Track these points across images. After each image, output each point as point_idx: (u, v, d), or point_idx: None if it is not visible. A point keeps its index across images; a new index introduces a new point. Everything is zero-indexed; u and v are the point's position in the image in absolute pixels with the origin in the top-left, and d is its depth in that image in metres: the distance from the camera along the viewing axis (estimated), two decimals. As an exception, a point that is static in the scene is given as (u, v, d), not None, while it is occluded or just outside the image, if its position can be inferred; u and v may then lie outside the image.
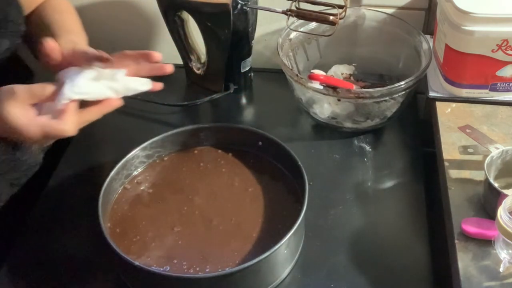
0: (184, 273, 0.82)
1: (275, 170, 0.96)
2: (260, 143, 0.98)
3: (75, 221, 0.97)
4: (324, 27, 1.11)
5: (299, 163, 0.90)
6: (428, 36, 1.15)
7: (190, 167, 0.98)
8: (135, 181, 0.96)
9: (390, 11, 1.20)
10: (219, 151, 1.00)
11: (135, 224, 0.90)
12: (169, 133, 0.98)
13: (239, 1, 1.08)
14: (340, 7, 1.02)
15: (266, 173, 0.96)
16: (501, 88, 1.08)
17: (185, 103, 1.18)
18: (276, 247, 0.80)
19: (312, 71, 1.09)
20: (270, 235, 0.85)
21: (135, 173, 0.97)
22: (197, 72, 1.23)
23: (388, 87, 1.03)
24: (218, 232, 0.88)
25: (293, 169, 0.92)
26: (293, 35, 1.16)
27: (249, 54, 1.19)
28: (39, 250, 0.93)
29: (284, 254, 0.84)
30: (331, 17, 1.01)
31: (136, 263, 0.79)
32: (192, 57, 1.24)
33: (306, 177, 0.88)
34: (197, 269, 0.83)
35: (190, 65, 1.24)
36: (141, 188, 0.95)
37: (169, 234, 0.88)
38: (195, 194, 0.94)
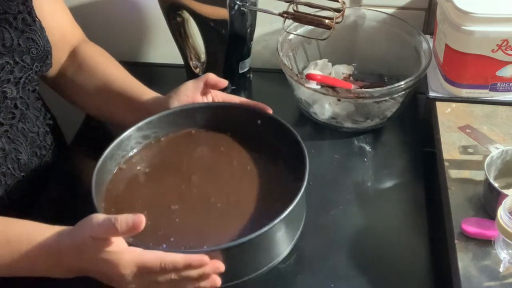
0: (179, 249, 0.79)
1: (275, 148, 0.94)
2: (259, 121, 0.96)
3: (75, 220, 0.96)
4: (322, 29, 1.11)
5: (299, 138, 0.89)
6: (428, 36, 1.15)
7: (188, 147, 0.96)
8: (132, 161, 0.94)
9: (390, 11, 1.20)
10: (217, 130, 0.98)
11: (130, 204, 0.88)
12: (165, 112, 0.96)
13: (237, 2, 1.08)
14: (338, 11, 1.01)
15: (265, 152, 0.94)
16: (501, 88, 1.08)
17: None
18: (275, 221, 0.78)
19: (308, 71, 1.09)
20: (269, 213, 0.81)
21: (131, 153, 0.94)
22: (195, 71, 1.23)
23: (388, 87, 1.03)
24: (216, 210, 0.86)
25: (292, 145, 0.90)
26: (293, 35, 1.16)
27: (248, 55, 1.19)
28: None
29: (283, 231, 0.82)
30: (327, 21, 1.00)
31: (131, 239, 0.77)
32: (192, 56, 1.24)
33: (306, 152, 0.86)
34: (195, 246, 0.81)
35: (190, 64, 1.24)
36: (138, 168, 0.93)
37: (166, 212, 0.86)
38: (193, 173, 0.92)
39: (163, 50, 1.32)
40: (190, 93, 0.97)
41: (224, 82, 0.97)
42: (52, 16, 1.00)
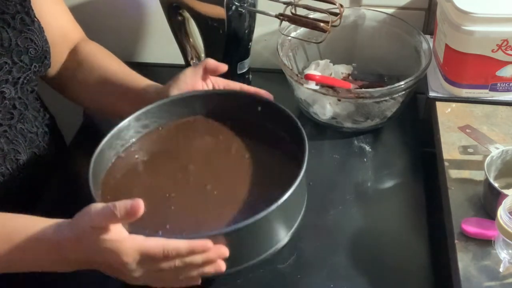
0: (173, 235, 0.77)
1: (274, 136, 0.93)
2: (259, 108, 0.95)
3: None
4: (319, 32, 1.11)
5: (299, 124, 0.87)
6: (428, 36, 1.15)
7: (187, 135, 0.96)
8: (131, 150, 0.93)
9: (390, 11, 1.20)
10: (217, 118, 0.97)
11: (127, 191, 0.87)
12: (163, 101, 0.94)
13: (235, 2, 1.08)
14: (336, 14, 1.01)
15: (264, 140, 0.93)
16: (501, 88, 1.08)
17: None
18: (273, 207, 0.76)
19: (309, 71, 1.09)
20: (266, 199, 0.79)
21: (130, 142, 0.94)
22: (194, 69, 1.24)
23: (388, 87, 1.03)
24: (212, 197, 0.85)
25: (292, 131, 0.89)
26: (293, 35, 1.16)
27: (246, 55, 1.18)
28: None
29: (283, 217, 0.81)
30: (322, 24, 1.00)
31: (126, 227, 0.76)
32: (192, 55, 1.24)
33: (305, 137, 0.85)
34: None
35: (191, 63, 1.24)
36: (136, 157, 0.93)
37: (162, 200, 0.85)
38: (190, 161, 0.91)
39: (163, 50, 1.32)
40: (189, 80, 0.95)
41: (224, 67, 0.95)
42: (52, 15, 1.00)
